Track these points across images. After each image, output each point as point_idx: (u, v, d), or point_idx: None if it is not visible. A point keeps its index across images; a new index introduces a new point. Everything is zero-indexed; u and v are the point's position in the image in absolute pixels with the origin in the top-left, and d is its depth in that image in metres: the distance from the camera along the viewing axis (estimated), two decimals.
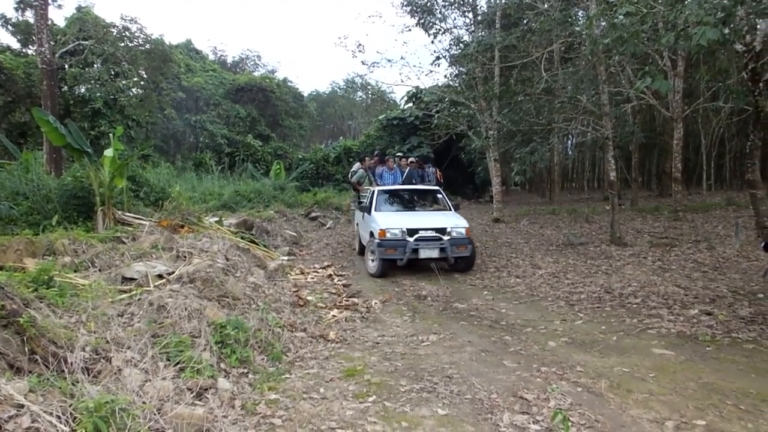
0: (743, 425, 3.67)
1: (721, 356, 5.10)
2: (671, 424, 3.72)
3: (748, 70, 12.20)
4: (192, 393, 3.79)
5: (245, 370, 4.66)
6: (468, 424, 3.82)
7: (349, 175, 14.06)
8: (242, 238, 10.14)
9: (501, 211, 19.64)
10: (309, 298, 7.64)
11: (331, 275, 9.76)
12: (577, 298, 7.55)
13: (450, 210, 11.30)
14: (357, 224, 12.38)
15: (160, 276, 5.82)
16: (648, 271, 9.04)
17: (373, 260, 9.81)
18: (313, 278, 9.36)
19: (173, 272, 5.98)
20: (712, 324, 6.02)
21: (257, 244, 10.39)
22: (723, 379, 4.49)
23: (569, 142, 32.10)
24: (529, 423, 3.79)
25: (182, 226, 9.07)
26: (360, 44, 27.10)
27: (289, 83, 43.83)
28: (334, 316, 6.92)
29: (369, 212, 10.69)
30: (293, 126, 41.48)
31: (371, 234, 10.00)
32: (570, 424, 3.66)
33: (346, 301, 7.78)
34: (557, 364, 4.98)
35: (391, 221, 9.92)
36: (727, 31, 8.56)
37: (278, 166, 26.80)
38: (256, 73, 47.33)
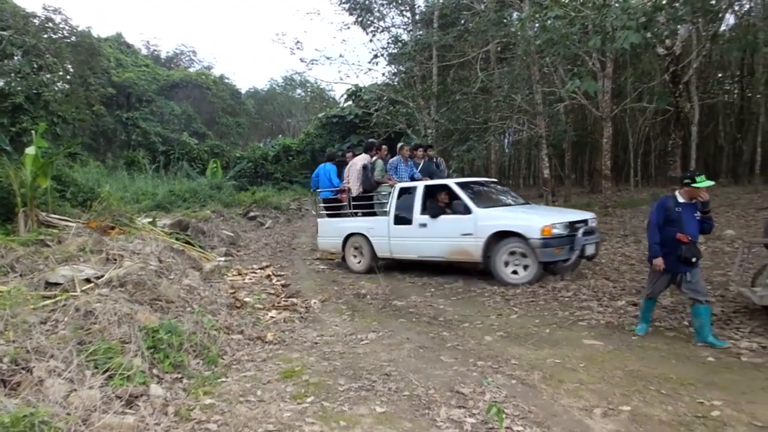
0: (664, 408, 3.87)
1: (645, 344, 5.35)
2: (599, 411, 3.88)
3: (669, 72, 12.93)
4: (121, 401, 3.66)
5: (179, 375, 4.53)
6: (406, 420, 3.85)
7: (349, 173, 10.53)
8: (177, 239, 9.86)
9: None
10: (246, 299, 7.51)
11: (269, 276, 9.63)
12: (513, 293, 7.74)
13: (527, 203, 10.08)
14: (352, 234, 10.25)
15: (87, 280, 5.57)
16: (580, 265, 9.37)
17: (513, 269, 8.17)
18: (251, 279, 9.21)
19: (102, 276, 5.74)
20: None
21: (193, 245, 10.13)
22: (647, 366, 4.72)
23: (506, 140, 32.91)
24: (466, 417, 3.85)
25: (112, 228, 8.72)
26: (298, 41, 27.00)
27: (226, 80, 42.94)
28: (272, 317, 6.83)
29: (459, 211, 8.76)
30: (230, 124, 40.65)
31: (510, 234, 8.11)
32: (504, 416, 3.75)
33: (284, 301, 7.70)
34: (493, 357, 5.09)
35: (536, 216, 8.37)
36: (649, 35, 9.04)
37: (215, 165, 26.19)
38: (191, 69, 46.08)
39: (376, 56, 20.41)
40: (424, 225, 9.08)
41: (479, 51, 15.31)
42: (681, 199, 5.29)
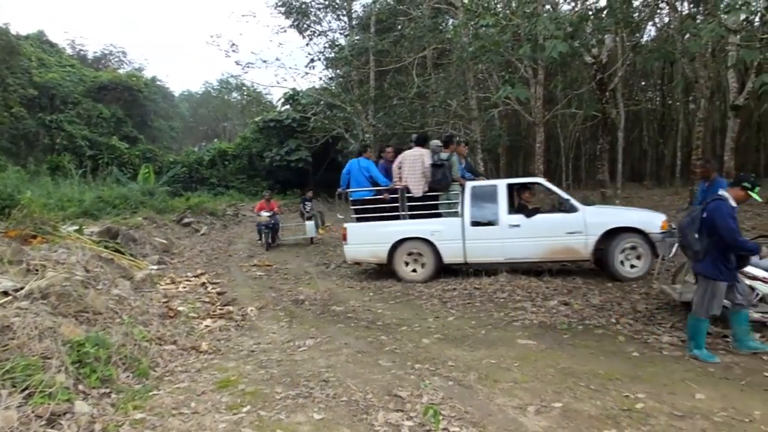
0: (593, 403, 4.02)
1: (575, 342, 5.55)
2: (532, 408, 3.98)
3: (596, 80, 13.50)
4: (42, 420, 3.46)
5: (107, 390, 4.33)
6: (344, 426, 3.83)
7: (405, 169, 9.17)
8: (106, 247, 9.45)
9: None
10: (180, 308, 7.28)
11: (204, 283, 9.38)
12: (450, 295, 7.86)
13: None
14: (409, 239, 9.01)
15: (5, 293, 5.24)
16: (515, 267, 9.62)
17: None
18: (185, 287, 8.93)
19: (22, 288, 5.42)
20: (568, 313, 6.56)
21: (123, 254, 9.74)
22: (577, 363, 4.89)
23: None
24: (403, 420, 3.87)
25: (34, 237, 8.26)
26: (233, 44, 26.48)
27: (158, 82, 41.66)
28: (207, 326, 6.65)
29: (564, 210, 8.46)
30: (163, 127, 39.43)
31: (624, 230, 8.08)
32: (441, 417, 3.80)
33: (220, 309, 7.52)
34: (430, 360, 5.15)
35: (645, 212, 8.84)
36: (577, 43, 9.43)
37: (147, 170, 25.29)
38: (121, 71, 44.27)
39: (312, 60, 20.36)
40: (516, 225, 8.54)
41: (415, 56, 15.49)
42: (733, 203, 4.82)
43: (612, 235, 8.13)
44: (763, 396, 4.05)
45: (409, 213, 9.07)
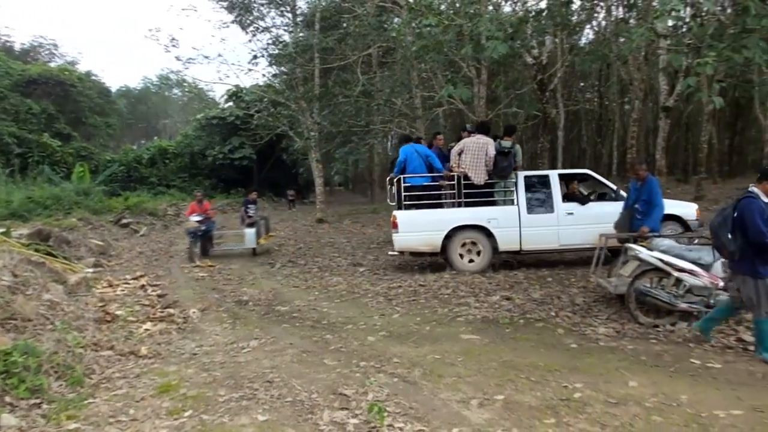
0: (533, 394, 4.12)
1: (517, 336, 5.69)
2: (476, 402, 4.05)
3: (537, 80, 13.85)
4: None
5: (38, 401, 4.12)
6: (288, 426, 3.79)
7: (465, 156, 8.88)
8: (36, 250, 9.01)
9: (324, 212, 19.90)
10: (118, 312, 7.01)
11: (144, 286, 9.07)
12: (395, 293, 7.91)
13: None
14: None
15: None
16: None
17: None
18: (123, 291, 8.61)
19: None
20: (510, 308, 6.71)
21: (56, 257, 9.31)
22: (519, 356, 5.01)
23: (389, 142, 33.56)
24: (349, 418, 3.86)
25: None
26: (174, 38, 25.69)
27: (93, 77, 40.04)
28: (147, 329, 6.44)
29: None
30: (99, 124, 37.91)
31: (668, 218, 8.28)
32: (386, 414, 3.81)
33: (160, 312, 7.29)
34: (376, 357, 5.16)
35: (680, 202, 9.55)
36: (518, 43, 9.66)
37: (82, 169, 24.20)
38: (52, 64, 42.33)
39: (255, 57, 20.00)
40: (570, 213, 8.81)
41: (360, 54, 15.49)
42: (765, 198, 4.65)
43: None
44: (689, 381, 4.27)
45: (466, 201, 8.95)
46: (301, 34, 20.42)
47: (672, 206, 8.82)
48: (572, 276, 8.19)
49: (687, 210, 9.01)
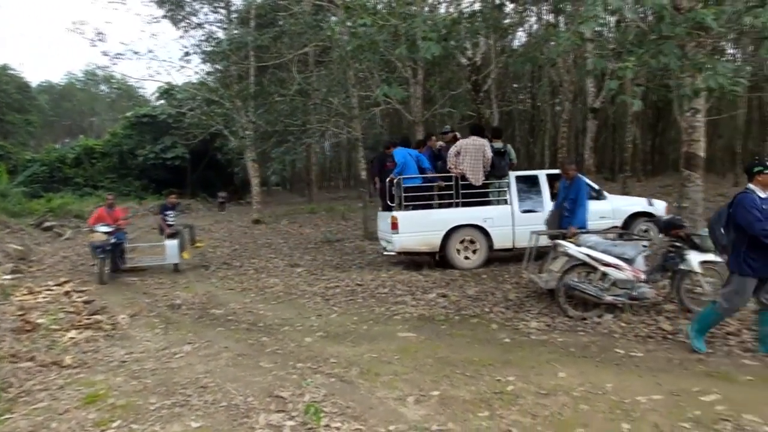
0: (468, 388, 4.20)
1: (453, 332, 5.79)
2: (412, 398, 4.09)
3: (471, 81, 14.13)
4: None
5: None
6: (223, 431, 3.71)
7: (461, 157, 9.07)
8: None
9: (261, 212, 19.62)
10: (39, 320, 6.64)
11: (68, 292, 8.63)
12: (333, 292, 7.89)
13: None
14: None
15: None
16: (396, 261, 9.86)
17: None
18: (45, 298, 8.17)
19: None
20: (446, 305, 6.82)
21: None
22: (454, 352, 5.10)
23: (326, 142, 33.42)
24: (285, 420, 3.82)
25: None
26: (100, 32, 24.67)
27: (10, 71, 37.83)
28: (72, 338, 6.13)
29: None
30: (18, 122, 35.89)
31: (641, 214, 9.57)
32: (322, 414, 3.79)
33: (87, 319, 6.96)
34: (312, 358, 5.12)
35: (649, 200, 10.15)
36: (453, 43, 9.82)
37: None
38: None
39: (188, 54, 19.49)
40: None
41: (296, 53, 15.32)
42: (762, 194, 4.54)
43: (633, 218, 9.47)
44: (614, 370, 4.46)
45: (462, 201, 9.14)
46: (235, 32, 20.00)
47: (646, 204, 9.95)
48: (506, 273, 8.41)
49: (657, 206, 9.83)
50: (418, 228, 9.04)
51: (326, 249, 11.92)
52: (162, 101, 31.15)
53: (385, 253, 9.55)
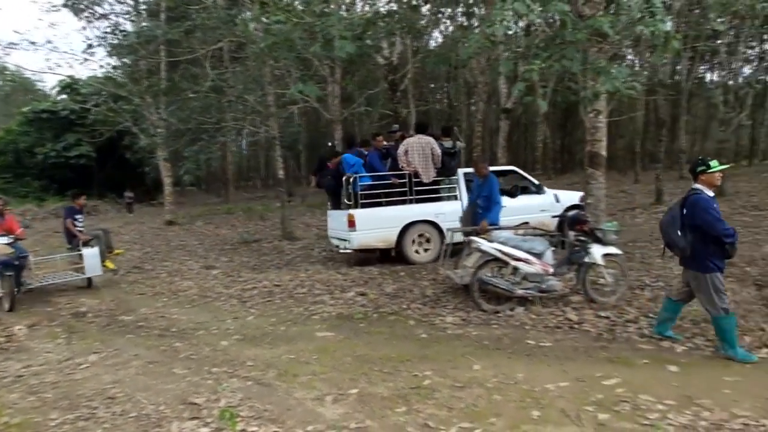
0: (386, 385, 4.25)
1: (371, 330, 5.82)
2: (330, 398, 4.08)
3: (388, 81, 14.28)
4: None
5: None
6: None
7: (411, 156, 9.19)
8: None
9: (174, 213, 18.94)
10: None
11: None
12: (250, 294, 7.73)
13: None
14: None
15: None
16: (315, 261, 9.81)
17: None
18: None
19: None
20: (364, 303, 6.85)
21: None
22: (373, 350, 5.13)
23: (243, 141, 32.65)
24: (199, 427, 3.70)
25: None
26: None
27: None
28: None
29: None
30: None
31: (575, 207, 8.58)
32: (239, 419, 3.72)
33: None
34: (228, 362, 5.00)
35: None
36: (369, 42, 9.89)
37: None
38: None
39: (91, 46, 18.42)
40: (504, 206, 8.72)
41: (210, 48, 14.84)
42: (709, 192, 4.56)
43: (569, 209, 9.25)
44: (525, 360, 4.66)
45: (416, 198, 9.25)
46: (144, 24, 19.13)
47: (573, 195, 10.26)
48: (423, 270, 8.56)
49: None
50: (374, 225, 9.17)
51: (243, 250, 11.65)
52: (64, 96, 29.25)
53: (341, 251, 9.59)
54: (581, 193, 10.87)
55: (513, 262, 6.04)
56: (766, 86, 27.60)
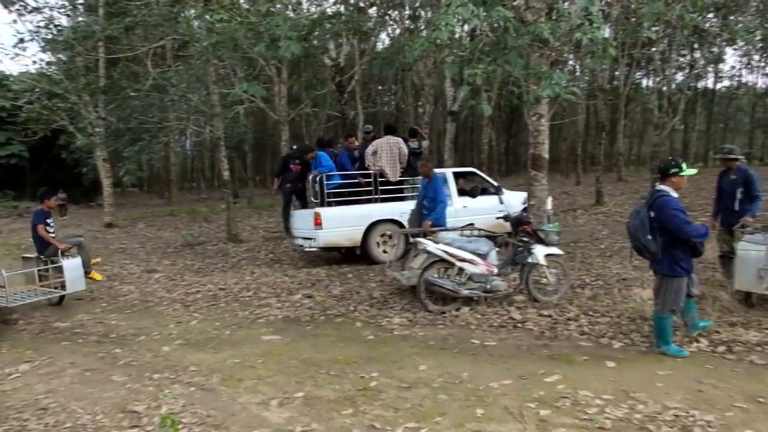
0: (333, 387, 4.24)
1: (318, 332, 5.80)
2: (275, 402, 4.04)
3: (335, 82, 14.25)
4: None
5: None
6: None
7: (380, 156, 9.49)
8: None
9: (114, 215, 18.29)
10: None
11: None
12: (193, 298, 7.57)
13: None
14: None
15: None
16: (261, 263, 9.68)
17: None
18: None
19: None
20: (311, 306, 6.82)
21: None
22: (319, 353, 5.11)
23: (187, 141, 31.88)
24: None
25: None
26: None
27: None
28: None
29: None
30: None
31: None
32: (181, 425, 3.63)
33: None
34: (171, 368, 4.87)
35: None
36: (316, 43, 9.83)
37: None
38: None
39: (23, 41, 17.58)
40: (465, 206, 9.51)
41: (151, 46, 14.39)
42: (674, 194, 4.54)
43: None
44: (470, 359, 4.74)
45: (381, 197, 9.44)
46: (81, 19, 18.40)
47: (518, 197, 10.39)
48: (371, 271, 8.58)
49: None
50: (340, 224, 9.26)
51: (187, 253, 11.37)
52: None
53: (307, 249, 9.60)
54: (525, 194, 11.22)
55: (458, 263, 6.12)
56: (697, 92, 29.05)
